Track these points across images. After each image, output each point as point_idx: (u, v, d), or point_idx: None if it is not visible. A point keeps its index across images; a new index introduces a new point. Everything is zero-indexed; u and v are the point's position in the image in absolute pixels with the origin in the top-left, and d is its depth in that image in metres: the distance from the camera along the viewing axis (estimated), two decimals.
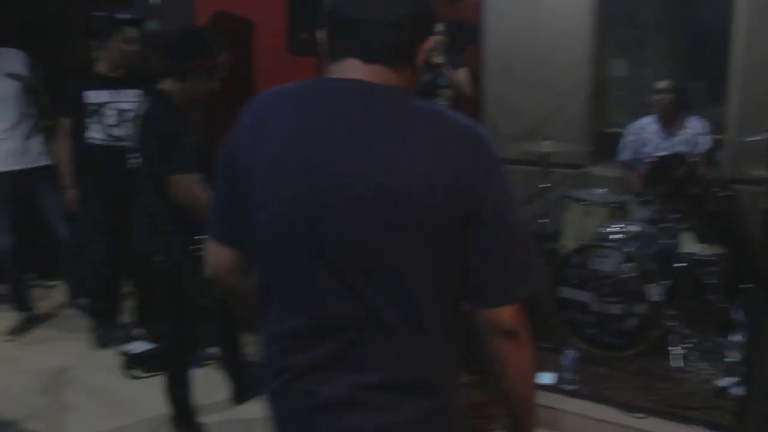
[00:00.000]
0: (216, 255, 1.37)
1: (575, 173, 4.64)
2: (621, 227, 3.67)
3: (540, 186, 4.09)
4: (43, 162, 4.17)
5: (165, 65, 2.76)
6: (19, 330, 4.28)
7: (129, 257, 4.17)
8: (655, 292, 3.35)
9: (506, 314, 1.25)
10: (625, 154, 4.34)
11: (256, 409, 3.30)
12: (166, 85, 2.76)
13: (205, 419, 3.16)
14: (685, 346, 3.48)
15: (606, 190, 4.16)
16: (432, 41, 1.29)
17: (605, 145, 4.65)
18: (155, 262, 2.74)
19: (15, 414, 3.34)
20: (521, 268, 1.25)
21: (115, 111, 3.86)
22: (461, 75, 4.15)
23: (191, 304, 2.87)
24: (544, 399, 3.18)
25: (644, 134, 4.26)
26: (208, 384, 3.40)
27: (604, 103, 4.92)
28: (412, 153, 1.17)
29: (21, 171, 4.09)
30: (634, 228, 3.67)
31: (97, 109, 3.83)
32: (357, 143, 1.19)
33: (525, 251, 1.25)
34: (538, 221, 4.13)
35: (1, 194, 4.10)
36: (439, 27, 4.09)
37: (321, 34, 1.30)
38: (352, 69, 1.24)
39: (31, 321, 4.37)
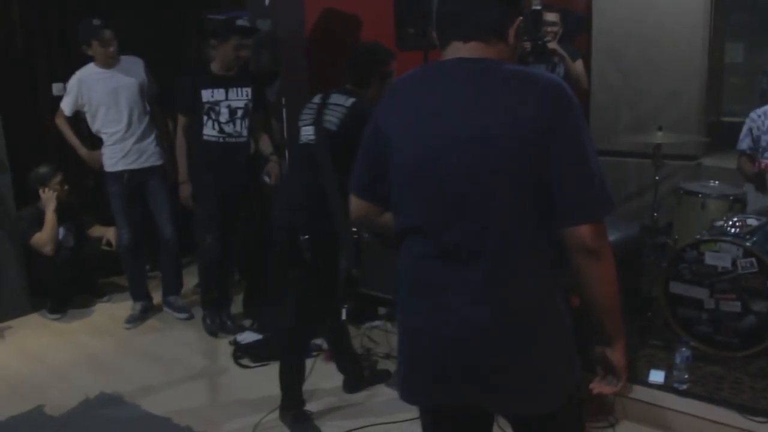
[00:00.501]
0: (357, 206, 1.77)
1: (689, 165, 4.44)
2: (738, 221, 3.49)
3: (654, 178, 3.94)
4: (156, 161, 4.39)
5: (349, 77, 3.02)
6: (135, 319, 4.53)
7: (243, 249, 4.36)
8: None
9: (588, 232, 1.46)
10: (744, 143, 4.13)
11: (360, 397, 3.42)
12: (352, 87, 3.02)
13: (312, 408, 3.26)
14: None
15: (719, 182, 3.97)
16: (520, 21, 1.58)
17: (720, 136, 4.43)
18: (300, 240, 2.87)
19: (132, 396, 3.55)
20: (597, 192, 1.47)
21: (227, 109, 4.02)
22: (579, 67, 4.07)
23: (326, 290, 2.98)
24: (655, 398, 3.08)
25: (766, 121, 4.03)
26: (316, 374, 3.48)
27: (719, 92, 4.69)
28: (503, 104, 1.48)
29: (138, 170, 4.33)
30: (752, 221, 3.49)
31: (212, 107, 4.00)
32: (461, 104, 1.51)
33: (598, 178, 1.47)
34: (652, 215, 3.97)
35: (120, 191, 4.35)
36: (553, 17, 4.00)
37: (433, 32, 1.63)
38: (455, 50, 1.58)
39: (146, 311, 4.62)
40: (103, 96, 4.21)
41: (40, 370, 3.92)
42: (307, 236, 2.88)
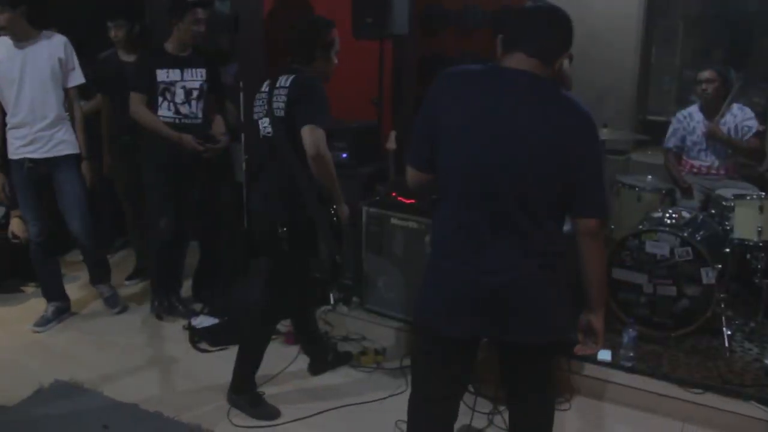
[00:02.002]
0: (415, 176, 2.13)
1: (619, 159, 4.78)
2: (674, 212, 3.83)
3: None
4: (65, 151, 3.97)
5: (292, 55, 3.00)
6: (48, 321, 4.15)
7: (201, 231, 4.31)
8: (709, 275, 3.51)
9: (594, 224, 1.97)
10: (671, 142, 4.49)
11: (325, 379, 3.50)
12: (299, 67, 2.98)
13: (277, 390, 3.33)
14: (733, 327, 3.66)
15: (653, 177, 4.30)
16: (568, 54, 2.02)
17: (648, 133, 4.78)
18: (280, 233, 2.88)
19: (92, 384, 3.47)
20: (605, 199, 1.99)
21: (182, 89, 3.95)
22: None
23: (299, 279, 3.02)
24: (605, 374, 3.35)
25: (691, 123, 4.41)
26: (273, 357, 3.50)
27: (648, 92, 5.05)
28: (549, 122, 1.87)
29: (42, 159, 3.92)
30: (686, 213, 3.83)
31: (167, 88, 3.92)
32: (519, 112, 1.88)
33: (605, 189, 2.00)
34: None
35: (23, 181, 3.96)
36: None
37: (498, 38, 1.99)
38: (518, 60, 1.93)
39: (61, 312, 4.26)
40: (6, 73, 3.80)
41: None
42: (285, 228, 2.92)
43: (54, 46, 3.85)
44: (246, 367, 3.17)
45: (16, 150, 3.86)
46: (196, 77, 3.98)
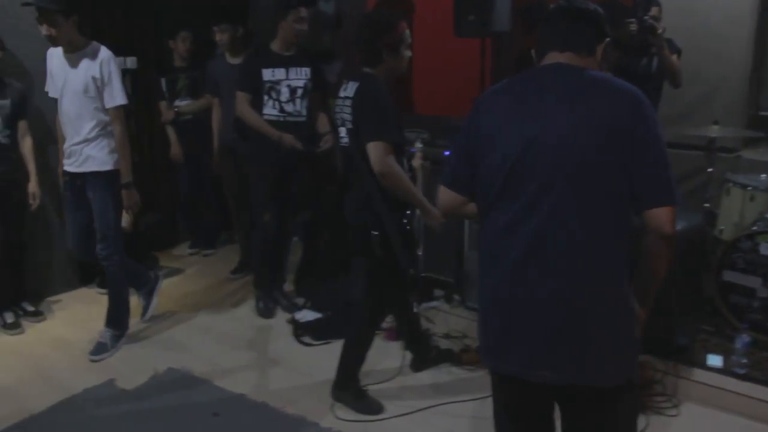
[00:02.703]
0: (446, 196, 1.98)
1: (728, 157, 4.58)
2: None
3: (707, 170, 4.09)
4: (94, 167, 3.76)
5: (360, 59, 2.93)
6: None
7: (301, 228, 4.42)
8: None
9: (665, 218, 1.71)
10: None
11: (427, 377, 3.52)
12: (369, 69, 2.93)
13: (372, 386, 3.37)
14: None
15: (767, 175, 4.10)
16: (606, 42, 1.89)
17: (761, 129, 4.55)
18: (371, 237, 2.89)
19: (203, 373, 3.61)
20: (671, 182, 1.71)
21: (287, 88, 4.05)
22: (675, 61, 4.03)
23: (399, 274, 3.04)
24: (716, 381, 3.23)
25: None
26: (376, 353, 3.55)
27: (761, 86, 4.81)
28: (589, 106, 1.71)
29: (76, 173, 3.80)
30: None
31: (273, 86, 4.03)
32: (553, 101, 1.76)
33: (670, 171, 1.71)
34: (703, 205, 4.11)
35: (66, 193, 3.94)
36: (656, 11, 3.98)
37: (534, 41, 1.93)
38: (552, 57, 1.87)
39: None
40: (55, 84, 3.72)
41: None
42: (377, 233, 2.90)
43: (91, 63, 3.59)
44: (351, 363, 3.23)
45: (63, 161, 3.88)
46: (300, 76, 4.08)
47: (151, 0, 5.10)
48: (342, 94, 2.95)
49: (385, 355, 3.67)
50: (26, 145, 4.14)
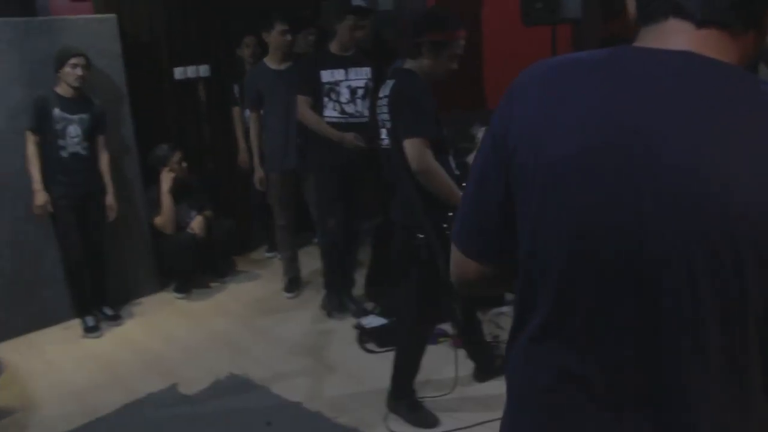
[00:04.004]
0: (463, 266, 1.13)
1: None
2: None
3: None
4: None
5: (400, 44, 2.80)
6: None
7: (368, 232, 4.33)
8: None
9: None
10: None
11: (490, 387, 3.33)
12: (408, 63, 2.81)
13: (430, 396, 3.21)
14: None
15: None
16: None
17: None
18: (416, 239, 2.75)
19: (262, 380, 3.59)
20: None
21: (347, 89, 3.97)
22: None
23: (442, 282, 2.88)
24: None
25: None
26: (439, 361, 3.44)
27: None
28: (750, 149, 0.82)
29: None
30: None
31: (332, 88, 3.96)
32: (686, 140, 0.83)
33: None
34: None
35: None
36: None
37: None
38: (675, 35, 0.90)
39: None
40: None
41: (171, 349, 4.04)
42: (422, 235, 2.76)
43: None
44: (403, 372, 3.10)
45: None
46: (360, 76, 4.00)
47: (222, 7, 5.17)
48: (381, 93, 2.85)
49: (449, 364, 3.50)
50: (104, 160, 4.30)
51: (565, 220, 0.92)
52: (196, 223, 4.69)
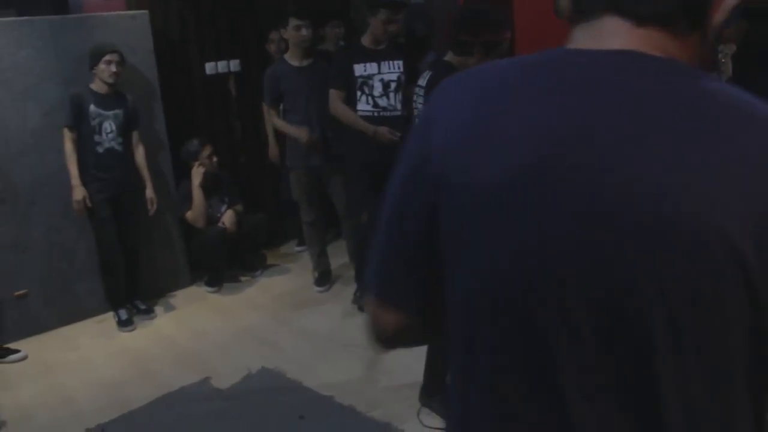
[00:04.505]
0: (381, 318, 0.96)
1: None
2: None
3: None
4: None
5: (450, 37, 2.78)
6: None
7: None
8: None
9: None
10: None
11: None
12: (450, 57, 2.78)
13: None
14: None
15: None
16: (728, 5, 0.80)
17: None
18: None
19: (293, 373, 3.58)
20: None
21: (380, 82, 3.95)
22: None
23: None
24: None
25: None
26: None
27: None
28: (719, 167, 0.71)
29: None
30: None
31: (365, 81, 3.94)
32: (628, 150, 0.73)
33: None
34: None
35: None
36: None
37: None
38: (612, 34, 0.80)
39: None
40: None
41: (203, 342, 4.05)
42: None
43: None
44: (435, 367, 3.07)
45: None
46: (393, 69, 3.96)
47: (252, 1, 5.17)
48: (419, 83, 2.82)
49: None
50: (139, 154, 4.33)
51: (508, 251, 0.78)
52: (227, 218, 4.70)
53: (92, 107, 4.07)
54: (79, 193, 4.05)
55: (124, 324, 4.30)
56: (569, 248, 0.74)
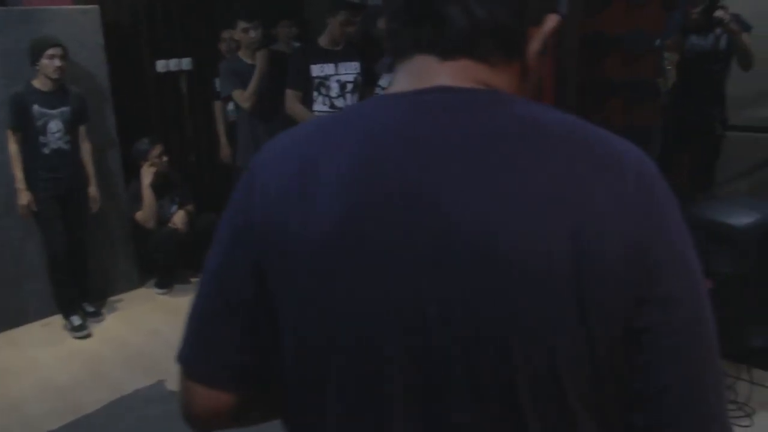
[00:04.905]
0: (200, 399, 0.86)
1: None
2: None
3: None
4: None
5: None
6: None
7: None
8: None
9: None
10: None
11: None
12: None
13: None
14: None
15: None
16: (555, 21, 0.78)
17: None
18: None
19: None
20: (716, 401, 0.73)
21: (337, 83, 3.97)
22: (747, 41, 3.66)
23: None
24: None
25: None
26: None
27: None
28: (536, 198, 0.69)
29: None
30: None
31: (322, 82, 3.96)
32: (441, 190, 0.70)
33: (719, 373, 0.74)
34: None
35: None
36: None
37: (383, 23, 0.87)
38: (425, 71, 0.77)
39: None
40: None
41: (155, 344, 3.98)
42: None
43: None
44: None
45: None
46: (350, 70, 4.00)
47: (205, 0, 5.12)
48: (380, 83, 2.84)
49: None
50: (85, 150, 4.20)
51: (338, 312, 0.74)
52: (178, 218, 4.64)
53: (36, 107, 3.90)
54: (24, 197, 3.91)
55: (77, 329, 4.15)
56: (393, 302, 0.72)
